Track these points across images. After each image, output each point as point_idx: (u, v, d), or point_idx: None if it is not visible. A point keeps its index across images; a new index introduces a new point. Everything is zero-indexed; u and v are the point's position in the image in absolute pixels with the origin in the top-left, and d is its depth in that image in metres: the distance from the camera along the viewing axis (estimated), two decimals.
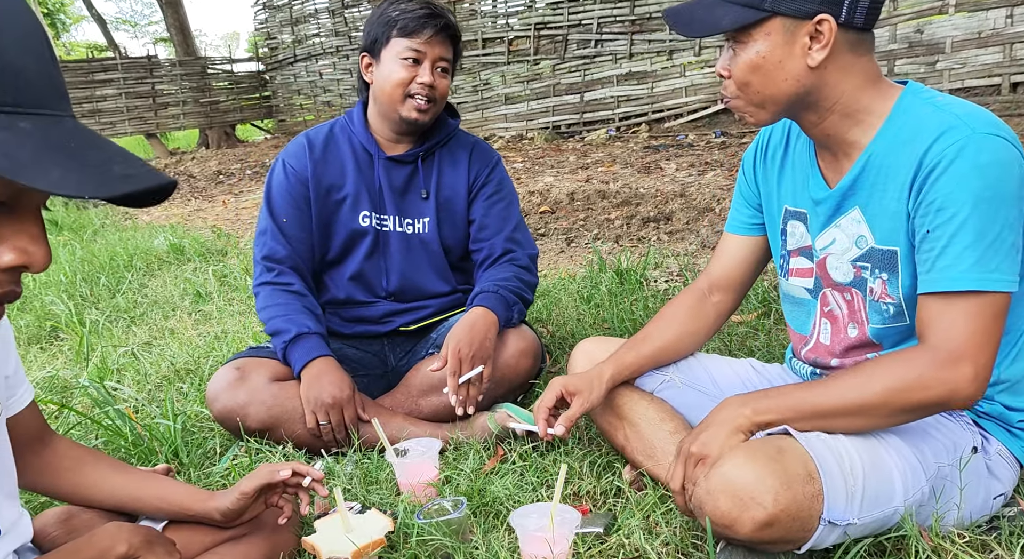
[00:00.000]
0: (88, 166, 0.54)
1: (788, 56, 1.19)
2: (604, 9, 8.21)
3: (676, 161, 6.17)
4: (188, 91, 11.60)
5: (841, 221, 1.30)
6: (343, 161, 1.97)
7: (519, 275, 1.96)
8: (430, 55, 1.85)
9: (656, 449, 1.49)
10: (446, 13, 1.90)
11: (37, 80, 0.56)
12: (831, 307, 1.36)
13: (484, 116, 9.28)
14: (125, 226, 5.77)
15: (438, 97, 1.89)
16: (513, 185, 2.10)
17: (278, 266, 1.93)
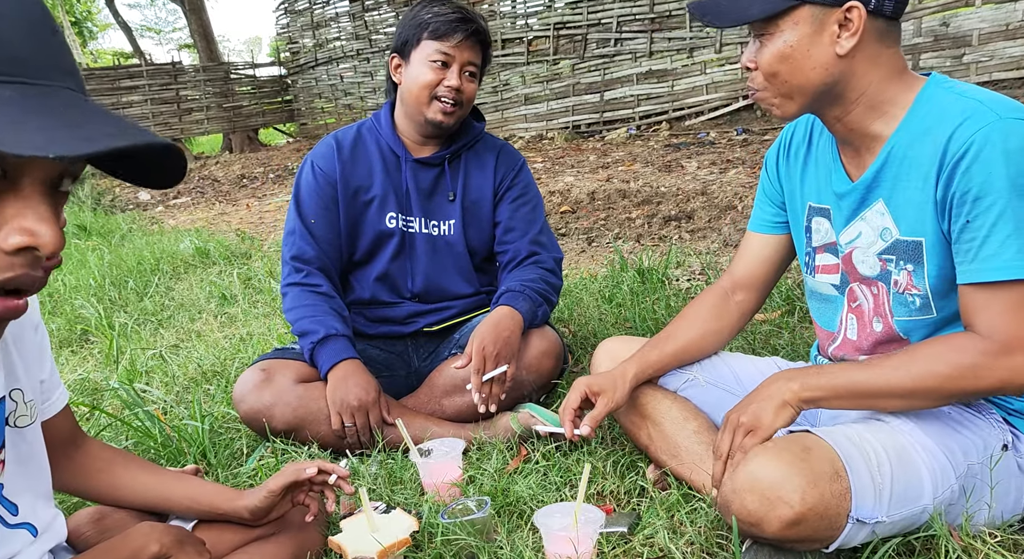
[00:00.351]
0: (70, 127, 0.52)
1: (816, 45, 1.18)
2: (623, 8, 8.19)
3: (697, 159, 6.13)
4: (212, 96, 11.74)
5: (866, 214, 1.29)
6: (371, 162, 1.99)
7: (544, 277, 1.97)
8: (459, 59, 1.87)
9: (680, 448, 1.49)
10: (478, 18, 1.91)
11: (26, 52, 0.54)
12: (859, 302, 1.35)
13: (504, 116, 9.30)
14: (152, 230, 5.86)
15: (464, 101, 1.90)
16: (538, 188, 2.11)
17: (306, 267, 1.95)
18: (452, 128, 1.94)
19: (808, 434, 1.18)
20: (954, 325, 1.23)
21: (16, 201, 0.55)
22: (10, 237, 0.55)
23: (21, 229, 0.55)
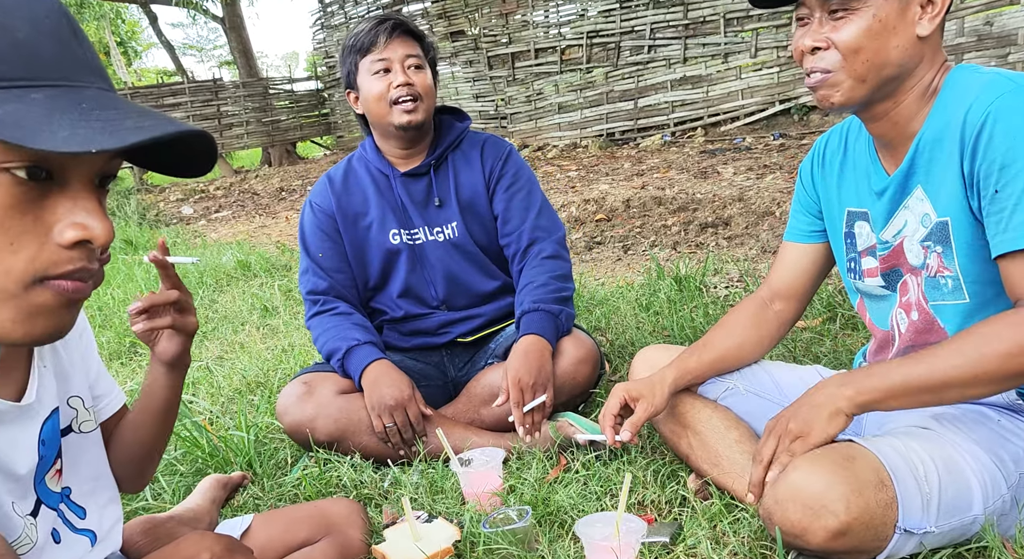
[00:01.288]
0: (97, 122, 0.55)
1: (901, 22, 1.16)
2: (657, 15, 8.18)
3: (733, 165, 6.08)
4: (251, 111, 11.98)
5: (909, 202, 1.27)
6: (363, 188, 2.04)
7: (552, 273, 1.96)
8: (395, 58, 1.90)
9: (722, 457, 1.48)
10: (395, 15, 1.96)
11: (52, 55, 0.57)
12: (908, 295, 1.33)
13: (537, 126, 9.32)
14: (195, 244, 5.99)
15: (421, 93, 1.92)
16: (531, 171, 2.11)
17: (322, 297, 2.00)
18: (424, 125, 1.96)
19: (851, 443, 1.16)
20: (990, 314, 1.19)
21: (66, 199, 0.58)
22: (65, 232, 0.58)
23: (74, 224, 0.59)
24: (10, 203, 0.55)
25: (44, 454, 1.06)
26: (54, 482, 1.08)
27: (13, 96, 0.54)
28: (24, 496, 1.02)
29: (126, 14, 19.82)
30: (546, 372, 1.81)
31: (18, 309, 0.58)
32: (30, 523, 1.01)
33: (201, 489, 1.66)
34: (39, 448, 1.05)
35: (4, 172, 0.54)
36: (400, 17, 1.95)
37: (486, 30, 9.56)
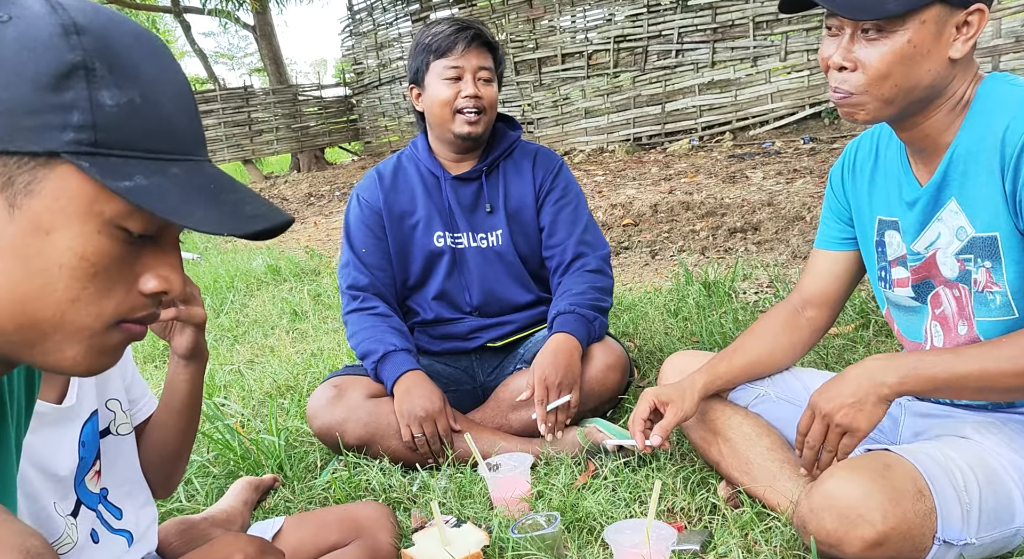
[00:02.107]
0: (225, 205, 0.61)
1: (935, 46, 1.13)
2: (685, 19, 8.14)
3: (763, 169, 6.03)
4: (280, 118, 12.12)
5: (942, 214, 1.25)
6: (412, 187, 2.04)
7: (593, 284, 1.96)
8: (468, 68, 1.90)
9: (753, 465, 1.46)
10: (475, 24, 1.95)
11: (186, 131, 0.63)
12: (942, 308, 1.31)
13: (564, 131, 9.32)
14: (226, 249, 6.07)
15: (486, 106, 1.93)
16: (579, 187, 2.12)
17: (362, 293, 2.01)
18: (482, 136, 1.97)
19: (888, 452, 1.15)
20: None
21: (156, 253, 0.65)
22: (150, 282, 0.64)
23: (158, 276, 0.65)
24: (118, 256, 0.62)
25: (84, 455, 1.09)
26: (93, 483, 1.11)
27: (156, 168, 0.60)
28: (65, 496, 1.05)
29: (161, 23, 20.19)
30: (573, 372, 1.81)
31: (91, 347, 0.64)
32: (71, 523, 1.04)
33: (233, 491, 1.68)
34: (79, 450, 1.08)
35: (122, 230, 0.61)
36: (480, 27, 1.95)
37: (513, 36, 9.59)
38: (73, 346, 0.63)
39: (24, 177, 0.58)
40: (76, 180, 0.58)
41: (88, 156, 0.57)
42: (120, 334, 0.65)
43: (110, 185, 0.57)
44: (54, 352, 0.63)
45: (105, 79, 0.58)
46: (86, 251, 0.60)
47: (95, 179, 0.57)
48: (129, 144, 0.59)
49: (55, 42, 0.57)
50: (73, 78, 0.57)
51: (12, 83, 0.56)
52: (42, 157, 0.57)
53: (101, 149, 0.58)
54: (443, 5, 10.48)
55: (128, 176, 0.58)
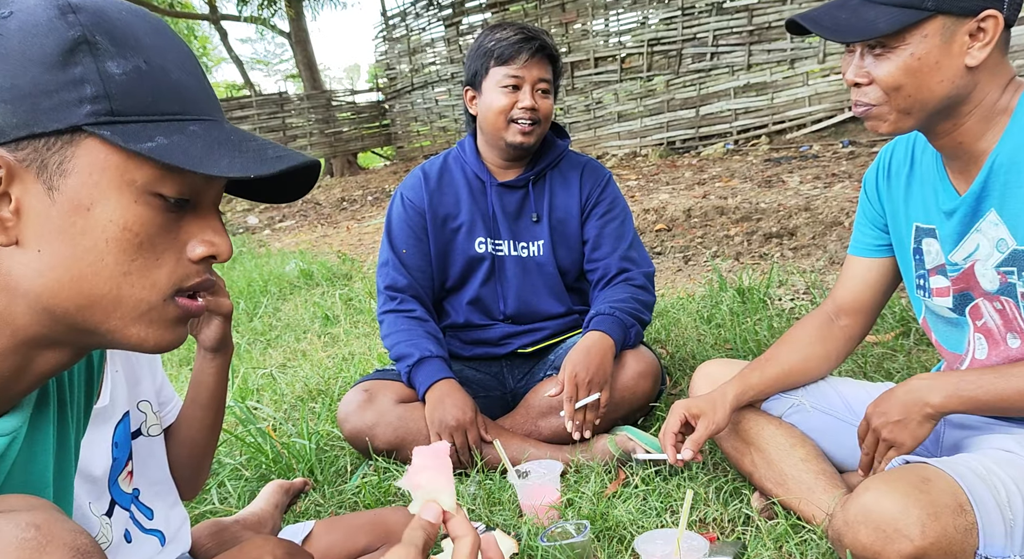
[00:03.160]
0: (249, 152, 0.64)
1: (945, 56, 1.12)
2: (720, 21, 8.06)
3: (800, 173, 5.94)
4: (314, 123, 12.27)
5: (981, 225, 1.22)
6: (457, 190, 2.03)
7: (635, 295, 1.94)
8: (528, 78, 1.88)
9: (787, 476, 1.43)
10: (541, 34, 1.92)
11: (197, 93, 0.66)
12: (984, 320, 1.27)
13: (596, 135, 9.29)
14: (260, 253, 6.16)
15: (541, 118, 1.91)
16: (626, 202, 2.09)
17: (400, 294, 2.01)
18: (534, 147, 1.95)
19: (927, 465, 1.11)
20: None
21: (197, 220, 0.67)
22: (197, 248, 0.67)
23: (204, 241, 0.67)
24: (162, 223, 0.64)
25: (117, 456, 1.10)
26: (126, 483, 1.12)
27: (175, 128, 0.63)
28: (100, 496, 1.06)
29: (198, 30, 20.60)
30: (604, 371, 1.79)
31: (152, 321, 0.66)
32: (105, 523, 1.05)
33: (264, 494, 1.70)
34: (112, 450, 1.09)
35: (159, 197, 0.63)
36: (545, 37, 1.92)
37: None
38: (135, 322, 0.65)
39: (55, 158, 0.60)
40: (103, 151, 0.61)
41: (108, 125, 0.60)
42: (176, 308, 0.67)
43: (133, 148, 0.60)
44: (119, 330, 0.65)
45: (108, 50, 0.61)
46: (127, 221, 0.62)
47: (119, 146, 0.60)
48: (144, 109, 0.62)
49: (54, 23, 0.60)
50: (78, 53, 0.60)
51: (24, 69, 0.59)
52: (66, 135, 0.60)
53: (119, 117, 0.61)
54: (476, 10, 10.53)
55: (149, 138, 0.61)
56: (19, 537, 0.56)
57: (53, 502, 0.74)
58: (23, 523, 0.57)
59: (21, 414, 0.70)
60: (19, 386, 0.68)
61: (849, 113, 7.40)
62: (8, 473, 0.68)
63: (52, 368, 0.69)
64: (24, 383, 0.69)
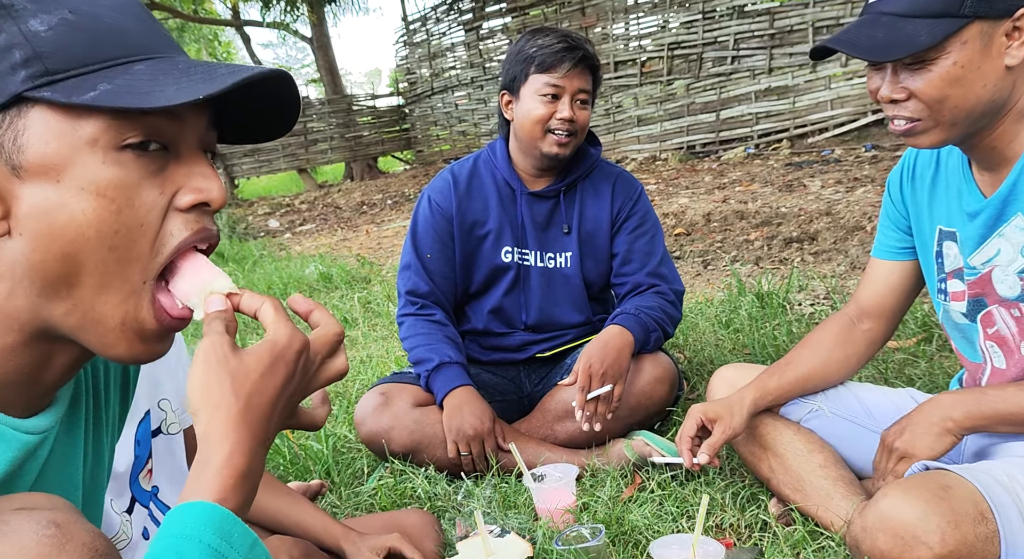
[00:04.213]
0: (196, 75, 0.60)
1: (986, 60, 1.09)
2: (741, 25, 8.01)
3: (821, 178, 5.89)
4: (335, 127, 12.36)
5: (1005, 230, 1.20)
6: (487, 197, 1.99)
7: (663, 307, 1.92)
8: (569, 89, 1.84)
9: (804, 482, 1.42)
10: (584, 44, 1.87)
11: (140, 33, 0.63)
12: (997, 327, 1.25)
13: (616, 139, 9.27)
14: (280, 256, 6.21)
15: (578, 129, 1.88)
16: (657, 217, 2.05)
17: (421, 299, 1.99)
18: (568, 158, 1.92)
19: (947, 472, 1.10)
20: None
21: (181, 167, 0.63)
22: (184, 197, 0.63)
23: (191, 188, 0.63)
24: (138, 179, 0.60)
25: (138, 454, 1.12)
26: (146, 481, 1.14)
27: (119, 71, 0.59)
28: (121, 494, 1.08)
29: (222, 36, 20.86)
30: (620, 364, 1.77)
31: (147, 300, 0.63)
32: (126, 520, 1.06)
33: None
34: (135, 448, 1.11)
35: (127, 150, 0.59)
36: (587, 46, 1.87)
37: None
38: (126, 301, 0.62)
39: (8, 135, 0.58)
40: (51, 115, 0.58)
41: (47, 86, 0.57)
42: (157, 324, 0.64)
43: (76, 101, 0.57)
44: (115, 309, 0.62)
45: (27, 8, 0.58)
46: (99, 186, 0.59)
47: (63, 103, 0.57)
48: (82, 60, 0.59)
49: None
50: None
51: None
52: (12, 109, 0.58)
53: (57, 75, 0.58)
54: (496, 15, 10.55)
55: (92, 87, 0.58)
56: (40, 534, 0.57)
57: (82, 503, 0.75)
58: (44, 520, 0.58)
59: (54, 414, 0.69)
60: (45, 380, 0.67)
61: (872, 117, 7.33)
62: (41, 472, 0.68)
63: (77, 358, 0.67)
64: (50, 377, 0.67)
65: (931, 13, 1.08)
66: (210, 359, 0.62)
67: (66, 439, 0.72)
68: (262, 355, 0.63)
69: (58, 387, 0.69)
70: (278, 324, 0.65)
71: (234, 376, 0.61)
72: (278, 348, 0.64)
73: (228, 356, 0.62)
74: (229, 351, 0.62)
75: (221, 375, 0.61)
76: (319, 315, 0.70)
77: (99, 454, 0.78)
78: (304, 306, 0.70)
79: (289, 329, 0.65)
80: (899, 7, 1.10)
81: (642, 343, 1.85)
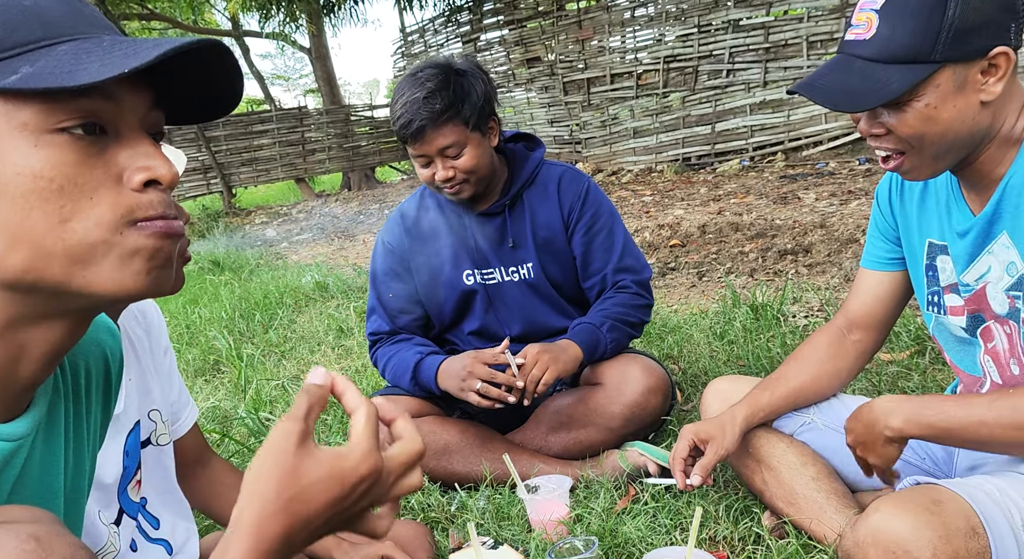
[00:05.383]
0: (120, 51, 0.59)
1: (961, 99, 1.09)
2: (736, 39, 8.07)
3: (815, 190, 5.91)
4: (333, 137, 12.38)
5: (994, 247, 1.20)
6: (436, 227, 1.99)
7: (621, 302, 1.94)
8: (432, 151, 1.79)
9: (797, 495, 1.42)
10: (424, 107, 1.75)
11: (62, 14, 0.61)
12: (994, 342, 1.25)
13: (612, 150, 9.31)
14: (277, 265, 6.20)
15: (465, 175, 1.83)
16: (610, 204, 2.02)
17: (385, 337, 2.03)
18: (480, 191, 1.89)
19: (939, 487, 1.10)
20: None
21: (125, 148, 0.62)
22: (134, 176, 0.62)
23: (139, 167, 0.62)
24: (78, 160, 0.59)
25: (127, 465, 1.11)
26: (134, 492, 1.13)
27: (41, 54, 0.58)
28: (109, 505, 1.07)
29: None
30: (563, 359, 1.78)
31: (120, 258, 0.61)
32: (113, 531, 1.06)
33: None
34: (123, 459, 1.10)
35: (62, 132, 0.58)
36: (427, 109, 1.75)
37: (562, 56, 9.64)
38: (102, 266, 0.61)
39: None
40: None
41: None
42: (141, 235, 0.62)
43: None
44: (94, 281, 0.61)
45: None
46: (35, 169, 0.58)
47: None
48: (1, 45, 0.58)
49: None
50: None
51: None
52: None
53: None
54: (493, 27, 10.61)
55: (13, 71, 0.57)
56: (19, 548, 0.56)
57: (64, 512, 0.75)
58: (24, 535, 0.57)
59: (30, 419, 0.68)
60: (22, 376, 0.65)
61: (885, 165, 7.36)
62: (18, 480, 0.67)
63: (53, 346, 0.65)
64: (27, 371, 0.65)
65: (903, 59, 1.08)
66: (272, 447, 0.61)
67: (45, 447, 0.71)
68: (323, 464, 0.61)
69: (36, 385, 0.67)
70: (359, 439, 0.63)
71: (283, 474, 0.60)
72: (343, 466, 0.61)
73: (288, 451, 0.60)
74: (293, 446, 0.60)
75: (272, 468, 0.60)
76: (403, 427, 0.68)
77: (80, 462, 0.77)
78: (390, 414, 0.68)
79: (364, 451, 0.62)
80: (871, 52, 1.11)
81: (591, 345, 1.87)
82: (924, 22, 1.06)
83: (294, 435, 0.61)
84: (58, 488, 0.73)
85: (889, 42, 1.09)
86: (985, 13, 1.05)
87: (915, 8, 1.07)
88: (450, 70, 1.81)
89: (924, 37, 1.06)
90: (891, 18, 1.09)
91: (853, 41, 1.13)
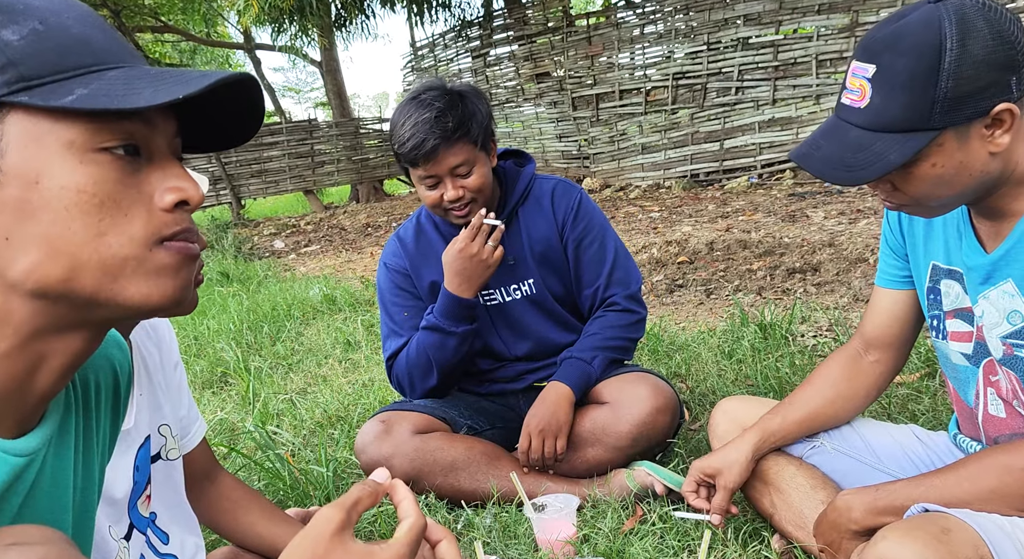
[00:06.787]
0: (169, 79, 0.63)
1: (966, 155, 1.06)
2: (745, 56, 8.10)
3: (824, 209, 5.91)
4: (342, 150, 12.44)
5: (990, 293, 1.18)
6: (435, 250, 1.99)
7: (612, 323, 1.95)
8: (442, 172, 1.80)
9: (807, 520, 1.40)
10: (436, 126, 1.75)
11: (107, 44, 0.65)
12: (998, 377, 1.24)
13: (620, 166, 9.33)
14: (285, 277, 6.23)
15: (474, 194, 1.84)
16: (602, 216, 2.03)
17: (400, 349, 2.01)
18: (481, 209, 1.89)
19: (947, 515, 1.09)
20: None
21: (156, 170, 0.66)
22: (165, 196, 0.65)
23: (170, 188, 0.65)
24: (117, 178, 0.63)
25: (138, 480, 1.12)
26: (144, 507, 1.14)
27: (93, 77, 0.62)
28: (119, 520, 1.08)
29: (234, 59, 21.12)
30: (558, 420, 1.82)
31: (148, 273, 0.64)
32: (123, 546, 1.06)
33: None
34: (134, 474, 1.11)
35: (105, 152, 0.62)
36: (440, 128, 1.75)
37: (571, 72, 9.69)
38: (129, 280, 0.64)
39: None
40: (28, 119, 0.60)
41: (24, 91, 0.60)
42: (167, 254, 0.65)
43: (55, 104, 0.59)
44: (118, 293, 0.64)
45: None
46: (79, 184, 0.61)
47: (41, 107, 0.60)
48: (55, 68, 0.61)
49: None
50: None
51: None
52: None
53: (32, 81, 0.60)
54: (503, 42, 10.67)
55: (69, 92, 0.60)
56: None
57: (73, 527, 0.75)
58: (33, 557, 0.57)
59: (41, 434, 0.69)
60: (38, 388, 0.67)
61: None
62: (28, 495, 0.67)
63: (71, 358, 0.67)
64: (44, 382, 0.67)
65: (900, 128, 1.05)
66: (311, 529, 0.65)
67: (55, 461, 0.72)
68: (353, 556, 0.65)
69: (50, 397, 0.69)
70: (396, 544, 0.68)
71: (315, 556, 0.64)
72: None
73: (324, 537, 0.65)
74: (330, 533, 0.65)
75: (304, 551, 0.64)
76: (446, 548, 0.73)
77: (89, 476, 0.78)
78: (436, 535, 0.74)
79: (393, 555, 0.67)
80: (866, 121, 1.07)
81: (582, 379, 1.89)
82: (917, 96, 1.02)
83: (334, 523, 0.65)
84: (68, 503, 0.74)
85: (883, 113, 1.05)
86: (979, 78, 1.01)
87: (905, 82, 1.02)
88: (452, 91, 1.84)
89: (918, 110, 1.03)
90: (883, 90, 1.05)
91: (848, 107, 1.10)
